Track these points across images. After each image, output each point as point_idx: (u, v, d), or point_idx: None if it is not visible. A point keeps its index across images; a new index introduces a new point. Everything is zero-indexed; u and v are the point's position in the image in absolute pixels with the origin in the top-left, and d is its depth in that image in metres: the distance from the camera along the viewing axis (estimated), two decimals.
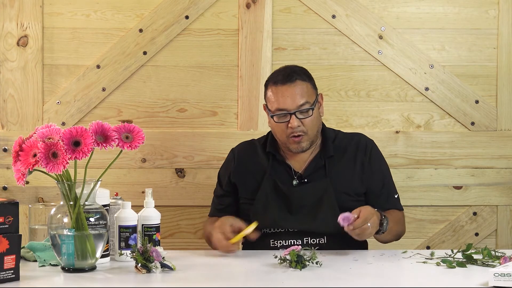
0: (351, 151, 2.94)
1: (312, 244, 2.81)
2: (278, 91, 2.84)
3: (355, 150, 2.94)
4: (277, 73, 2.90)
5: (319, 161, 2.91)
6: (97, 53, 3.49)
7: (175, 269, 2.42)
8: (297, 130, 2.82)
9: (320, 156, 2.91)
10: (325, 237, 2.83)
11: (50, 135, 2.34)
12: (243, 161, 2.99)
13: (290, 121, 2.82)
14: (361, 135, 3.01)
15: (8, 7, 3.46)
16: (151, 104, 3.52)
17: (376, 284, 2.33)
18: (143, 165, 3.51)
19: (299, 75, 2.86)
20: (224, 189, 3.01)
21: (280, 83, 2.84)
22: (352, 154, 2.93)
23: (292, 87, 2.83)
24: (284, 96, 2.83)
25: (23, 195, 3.46)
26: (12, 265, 2.27)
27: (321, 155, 2.91)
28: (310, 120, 2.84)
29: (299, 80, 2.85)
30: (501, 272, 2.18)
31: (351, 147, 2.95)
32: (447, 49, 3.55)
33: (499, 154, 3.55)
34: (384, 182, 2.94)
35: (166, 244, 2.96)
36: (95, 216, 2.42)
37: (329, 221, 2.79)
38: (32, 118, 3.48)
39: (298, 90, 2.83)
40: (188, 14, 3.49)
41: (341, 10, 3.51)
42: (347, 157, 2.93)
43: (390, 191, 2.95)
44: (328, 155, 2.90)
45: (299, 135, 2.83)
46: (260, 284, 2.30)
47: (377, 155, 2.97)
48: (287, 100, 2.82)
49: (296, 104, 2.82)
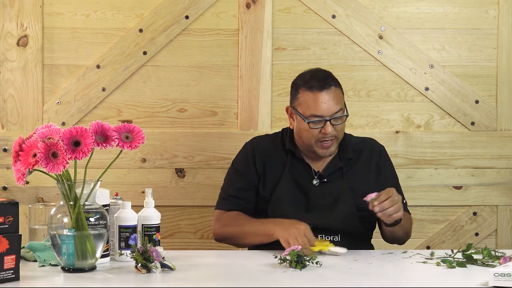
0: (366, 154, 2.95)
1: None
2: (316, 97, 2.81)
3: (370, 153, 2.96)
4: (310, 77, 2.86)
5: (337, 162, 2.91)
6: (97, 53, 3.49)
7: (175, 269, 2.42)
8: (329, 136, 2.83)
9: (338, 158, 2.92)
10: (339, 235, 2.84)
11: (50, 135, 2.34)
12: (264, 155, 2.95)
13: (325, 127, 2.81)
14: (373, 140, 3.03)
15: (8, 7, 3.46)
16: (151, 104, 3.52)
17: (376, 284, 2.33)
18: (143, 165, 3.51)
19: (332, 81, 2.85)
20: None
21: (316, 89, 2.82)
22: (367, 158, 2.95)
23: (328, 93, 2.81)
24: (321, 103, 2.80)
25: (23, 195, 3.46)
26: (12, 265, 2.27)
27: (339, 156, 2.92)
28: (342, 125, 2.86)
29: (333, 86, 2.84)
30: (501, 272, 2.18)
31: (366, 150, 2.96)
32: (447, 49, 3.55)
33: (499, 154, 3.55)
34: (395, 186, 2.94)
35: (166, 244, 2.96)
36: (95, 216, 2.42)
37: (344, 219, 2.83)
38: (32, 118, 3.48)
39: (334, 97, 2.82)
40: (188, 14, 3.49)
41: (341, 10, 3.51)
42: (363, 160, 2.94)
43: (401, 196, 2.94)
44: (347, 157, 2.92)
45: (330, 139, 2.84)
46: (260, 284, 2.30)
47: (388, 160, 3.01)
48: (324, 107, 2.80)
49: (332, 111, 2.81)
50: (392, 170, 3.00)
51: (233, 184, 2.96)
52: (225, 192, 2.97)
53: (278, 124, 3.46)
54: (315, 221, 2.83)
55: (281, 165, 2.93)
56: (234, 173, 2.98)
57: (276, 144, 2.97)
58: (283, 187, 2.89)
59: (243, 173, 2.95)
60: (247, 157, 2.97)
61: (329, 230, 2.84)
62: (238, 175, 2.96)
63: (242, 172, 2.95)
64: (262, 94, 3.49)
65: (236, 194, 2.94)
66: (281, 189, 2.89)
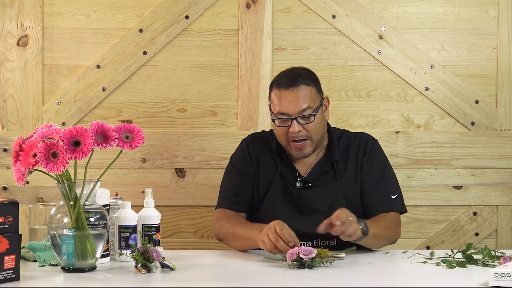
0: (353, 152, 2.91)
1: (322, 247, 2.80)
2: (281, 95, 2.81)
3: (357, 151, 2.91)
4: (282, 76, 2.87)
5: (324, 165, 2.89)
6: (97, 53, 3.49)
7: (175, 269, 2.42)
8: (298, 135, 2.80)
9: (325, 160, 2.89)
10: (335, 239, 2.81)
11: (50, 135, 2.34)
12: (258, 153, 2.94)
13: (291, 126, 2.79)
14: (364, 135, 2.96)
15: (8, 7, 3.46)
16: (151, 104, 3.52)
17: (376, 284, 2.33)
18: (143, 165, 3.51)
19: (303, 79, 2.82)
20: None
21: (283, 86, 2.82)
22: (354, 156, 2.90)
23: (295, 91, 2.80)
24: (286, 101, 2.80)
25: (23, 195, 3.46)
26: (12, 265, 2.27)
27: (326, 159, 2.90)
28: (313, 125, 2.82)
29: (303, 84, 2.81)
30: (501, 272, 2.18)
31: (353, 148, 2.92)
32: (447, 49, 3.55)
33: (499, 154, 3.55)
34: (379, 182, 2.89)
35: (166, 244, 2.96)
36: (95, 216, 2.42)
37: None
38: (32, 118, 3.48)
39: (301, 95, 2.80)
40: (188, 14, 3.49)
41: (341, 10, 3.51)
42: (351, 160, 2.90)
43: (387, 192, 2.89)
44: (333, 160, 2.89)
45: (302, 139, 2.81)
46: (260, 284, 2.30)
47: (375, 154, 2.92)
48: (288, 105, 2.80)
49: (298, 109, 2.79)
50: (378, 164, 2.91)
51: (232, 182, 2.95)
52: (224, 191, 2.96)
53: None
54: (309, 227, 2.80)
55: (273, 168, 2.91)
56: (232, 170, 2.97)
57: (270, 145, 2.96)
58: (274, 192, 2.88)
59: (241, 169, 2.94)
60: (243, 152, 2.96)
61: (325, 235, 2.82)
62: (236, 172, 2.95)
63: (240, 169, 2.94)
64: (262, 94, 3.49)
65: (235, 193, 2.92)
66: (273, 192, 2.87)
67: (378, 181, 2.88)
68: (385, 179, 2.90)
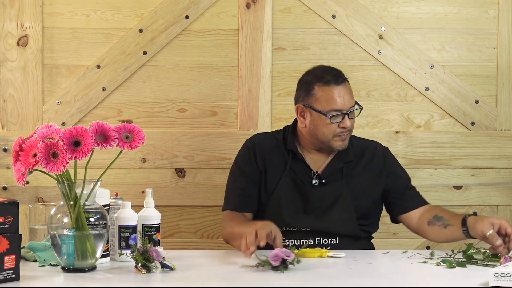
0: (368, 157, 2.94)
1: (323, 245, 2.81)
2: (334, 91, 2.83)
3: (372, 156, 2.95)
4: (322, 72, 2.88)
5: (337, 163, 2.91)
6: (97, 53, 3.49)
7: (175, 269, 2.42)
8: (347, 130, 2.84)
9: (338, 159, 2.91)
10: (337, 237, 2.83)
11: (50, 135, 2.34)
12: (265, 152, 2.94)
13: (344, 121, 2.82)
14: (377, 143, 3.02)
15: (8, 7, 3.46)
16: (151, 104, 3.52)
17: (376, 284, 2.33)
18: (143, 165, 3.51)
19: (344, 76, 2.88)
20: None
21: (333, 83, 2.83)
22: (369, 160, 2.94)
23: (344, 87, 2.84)
24: (340, 97, 2.82)
25: (23, 195, 3.46)
26: (12, 265, 2.27)
27: (339, 158, 2.91)
28: (354, 120, 2.89)
29: (346, 81, 2.87)
30: (501, 272, 2.18)
31: (368, 153, 2.95)
32: (447, 49, 3.55)
33: (499, 154, 3.55)
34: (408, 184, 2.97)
35: (166, 244, 2.96)
36: (95, 216, 2.42)
37: (342, 222, 2.82)
38: (32, 118, 3.48)
39: (350, 90, 2.87)
40: (188, 14, 3.49)
41: (341, 10, 3.51)
42: (364, 163, 2.93)
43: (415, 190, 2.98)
44: (348, 159, 2.91)
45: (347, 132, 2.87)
46: (260, 284, 2.30)
47: (395, 160, 3.01)
48: (343, 101, 2.82)
49: (350, 104, 2.84)
50: (401, 168, 3.00)
51: (237, 183, 2.95)
52: (230, 192, 2.97)
53: (278, 124, 3.45)
54: (312, 225, 2.83)
55: (282, 165, 2.92)
56: (237, 171, 2.96)
57: (278, 143, 2.96)
58: (283, 188, 2.88)
59: (245, 170, 2.94)
60: (248, 153, 2.96)
61: (327, 234, 2.83)
62: (241, 173, 2.94)
63: (245, 169, 2.94)
64: (262, 94, 3.49)
65: (240, 194, 2.93)
66: (280, 191, 2.88)
67: (407, 184, 2.97)
68: (409, 181, 3.00)
